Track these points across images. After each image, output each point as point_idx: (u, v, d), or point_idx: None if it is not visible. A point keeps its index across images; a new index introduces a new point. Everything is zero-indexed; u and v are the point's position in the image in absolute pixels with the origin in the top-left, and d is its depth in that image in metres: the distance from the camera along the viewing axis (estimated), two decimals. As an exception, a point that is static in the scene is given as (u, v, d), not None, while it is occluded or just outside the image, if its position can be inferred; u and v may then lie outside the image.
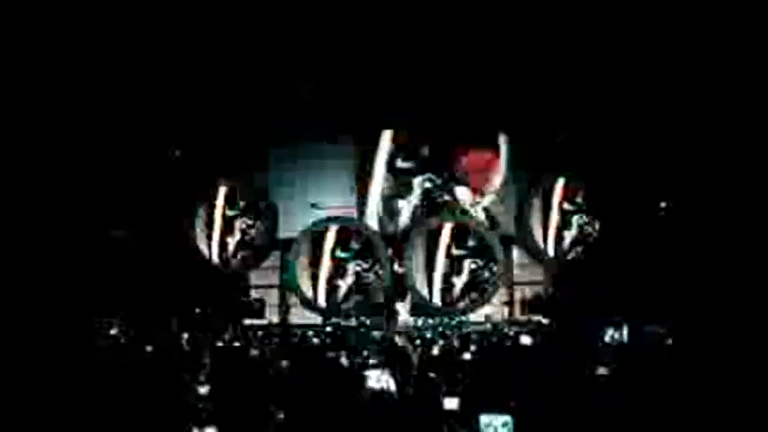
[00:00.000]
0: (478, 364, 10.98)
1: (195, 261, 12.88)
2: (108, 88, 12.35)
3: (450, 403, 8.48)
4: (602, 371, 10.18)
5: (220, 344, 10.84)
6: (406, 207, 13.80)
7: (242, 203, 13.46)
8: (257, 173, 13.86)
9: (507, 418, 8.45)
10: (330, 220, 13.59)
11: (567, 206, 13.11)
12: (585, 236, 13.00)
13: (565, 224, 13.13)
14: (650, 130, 12.73)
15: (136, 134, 12.70)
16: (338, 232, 13.22)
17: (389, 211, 13.71)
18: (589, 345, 11.27)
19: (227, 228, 13.35)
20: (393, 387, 9.09)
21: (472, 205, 13.82)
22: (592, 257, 12.81)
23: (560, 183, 13.25)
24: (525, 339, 11.27)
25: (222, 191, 13.47)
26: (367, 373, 9.28)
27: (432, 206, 13.82)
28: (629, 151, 12.97)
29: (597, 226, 12.91)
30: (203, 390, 9.21)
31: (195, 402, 9.22)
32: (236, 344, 11.02)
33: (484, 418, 8.45)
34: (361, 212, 14.02)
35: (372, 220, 13.86)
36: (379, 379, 9.28)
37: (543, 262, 13.15)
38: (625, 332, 11.38)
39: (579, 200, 13.09)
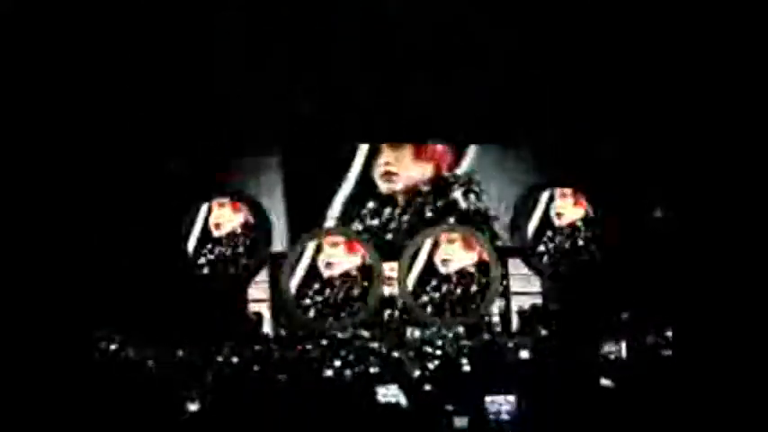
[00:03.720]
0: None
1: (190, 275, 12.81)
2: (103, 96, 12.33)
3: (461, 421, 8.52)
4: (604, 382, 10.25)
5: (219, 359, 10.78)
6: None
7: (235, 216, 13.49)
8: (250, 184, 13.89)
9: (512, 398, 8.53)
10: (321, 231, 13.53)
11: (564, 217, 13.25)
12: (585, 246, 13.10)
13: (563, 235, 13.22)
14: (647, 133, 12.82)
15: (131, 145, 12.64)
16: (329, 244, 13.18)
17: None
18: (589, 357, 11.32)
19: (222, 241, 13.31)
20: (404, 401, 9.08)
21: None
22: (591, 268, 12.87)
23: (557, 192, 13.41)
24: (524, 354, 11.34)
25: (216, 204, 13.48)
26: (377, 387, 9.28)
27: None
28: (626, 157, 13.12)
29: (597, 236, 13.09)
30: (193, 407, 9.16)
31: (185, 419, 9.16)
32: (235, 359, 10.95)
33: (489, 399, 8.52)
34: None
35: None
36: (387, 393, 9.27)
37: (541, 272, 13.20)
38: (623, 345, 11.44)
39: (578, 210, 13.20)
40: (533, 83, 13.14)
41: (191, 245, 13.01)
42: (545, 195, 13.28)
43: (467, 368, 11.38)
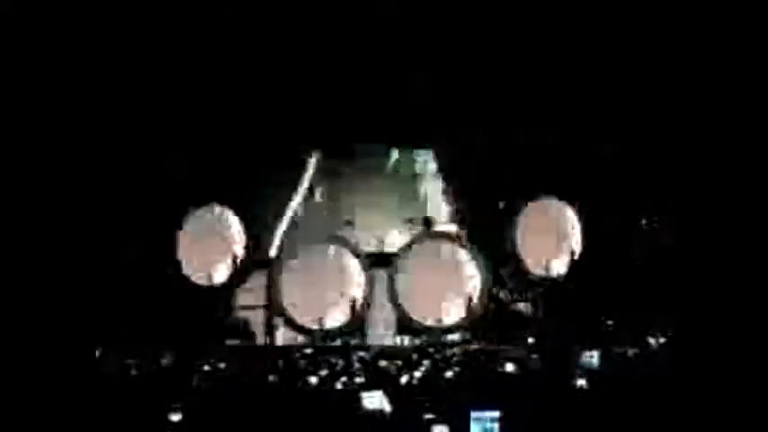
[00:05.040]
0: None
1: (179, 281, 12.81)
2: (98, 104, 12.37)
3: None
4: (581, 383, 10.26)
5: (207, 367, 10.80)
6: None
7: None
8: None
9: (496, 414, 8.55)
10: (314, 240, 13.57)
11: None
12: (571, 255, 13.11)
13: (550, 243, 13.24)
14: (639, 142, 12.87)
15: (128, 147, 12.68)
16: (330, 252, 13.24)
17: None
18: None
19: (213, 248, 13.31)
20: (387, 409, 9.10)
21: None
22: (577, 277, 12.90)
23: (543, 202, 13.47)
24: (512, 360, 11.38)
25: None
26: (362, 395, 9.28)
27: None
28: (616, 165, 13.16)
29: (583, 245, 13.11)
30: (176, 417, 9.14)
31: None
32: (222, 366, 10.99)
33: (474, 414, 8.55)
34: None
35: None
36: (372, 401, 9.29)
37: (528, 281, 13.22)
38: (596, 357, 11.46)
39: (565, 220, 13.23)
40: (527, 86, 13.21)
41: (181, 250, 13.13)
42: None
43: (454, 376, 11.40)
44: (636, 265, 12.65)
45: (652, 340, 11.84)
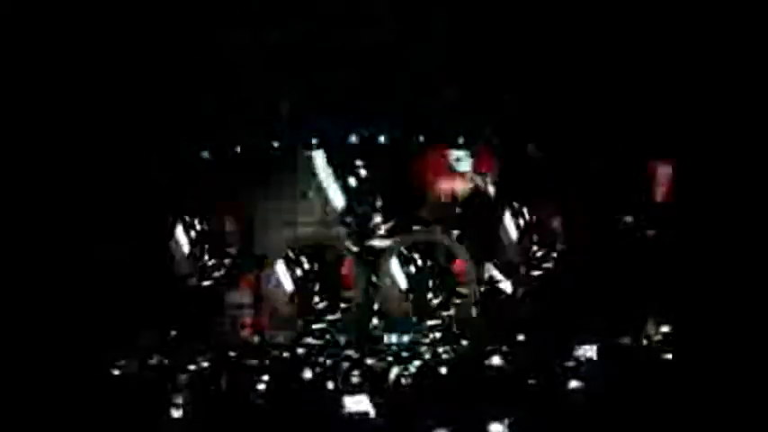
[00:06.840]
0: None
1: (169, 279, 12.87)
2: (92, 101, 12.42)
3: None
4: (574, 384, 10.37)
5: (193, 366, 10.87)
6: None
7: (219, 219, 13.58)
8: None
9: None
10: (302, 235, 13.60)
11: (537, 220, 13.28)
12: (557, 249, 13.12)
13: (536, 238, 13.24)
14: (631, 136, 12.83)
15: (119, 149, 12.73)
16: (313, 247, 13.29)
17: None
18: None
19: (204, 243, 13.37)
20: (373, 413, 9.19)
21: None
22: (564, 271, 12.89)
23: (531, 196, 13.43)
24: (496, 360, 11.41)
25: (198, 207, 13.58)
26: (345, 398, 9.37)
27: None
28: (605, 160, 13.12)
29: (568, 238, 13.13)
30: (177, 413, 9.23)
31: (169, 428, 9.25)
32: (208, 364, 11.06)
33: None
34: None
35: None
36: (357, 404, 9.38)
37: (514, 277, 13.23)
38: (593, 349, 11.48)
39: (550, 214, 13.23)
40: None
41: (171, 248, 13.19)
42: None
43: (444, 375, 11.46)
44: (631, 259, 12.65)
45: (648, 336, 11.84)
